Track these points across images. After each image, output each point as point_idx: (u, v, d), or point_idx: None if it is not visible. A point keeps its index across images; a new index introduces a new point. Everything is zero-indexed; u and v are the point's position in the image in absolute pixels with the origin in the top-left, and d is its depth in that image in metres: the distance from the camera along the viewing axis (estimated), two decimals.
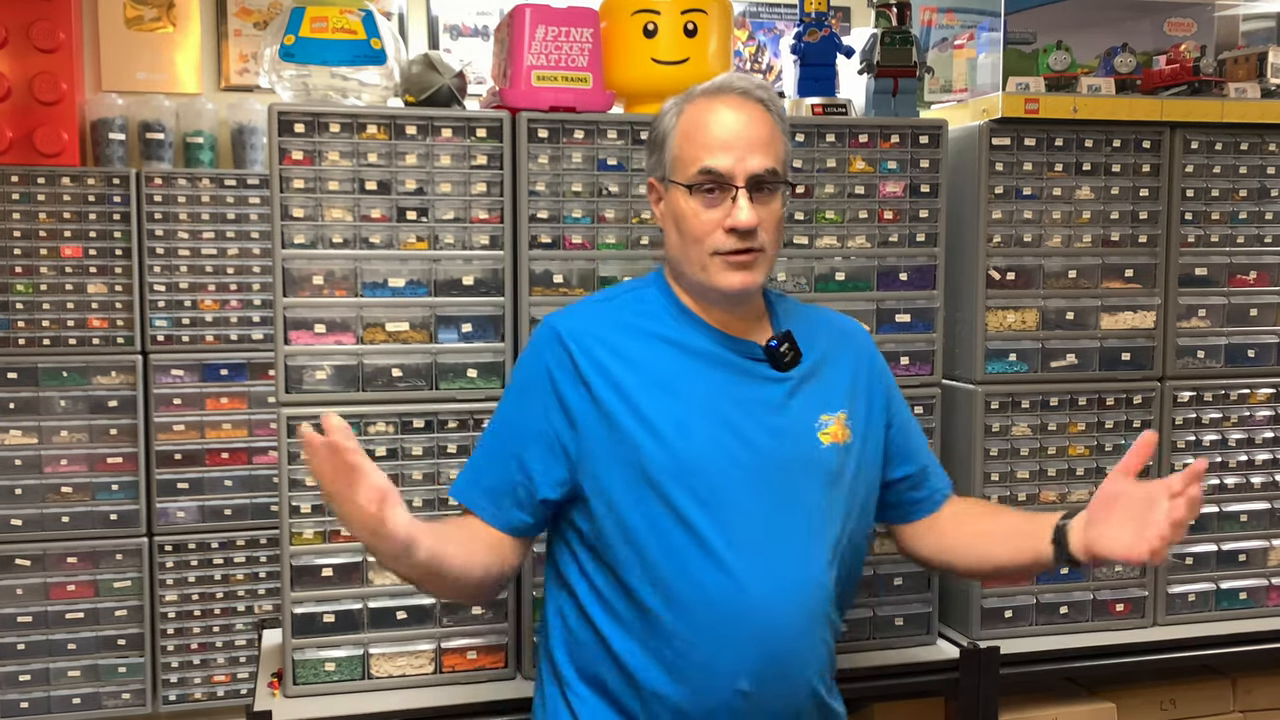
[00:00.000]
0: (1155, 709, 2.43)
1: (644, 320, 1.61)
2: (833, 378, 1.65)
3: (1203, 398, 2.45)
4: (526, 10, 2.09)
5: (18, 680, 3.20)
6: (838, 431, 1.61)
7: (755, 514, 1.53)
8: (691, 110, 1.58)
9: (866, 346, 1.75)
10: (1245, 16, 2.70)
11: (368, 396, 2.03)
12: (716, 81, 1.60)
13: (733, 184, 1.52)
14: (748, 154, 1.52)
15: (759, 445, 1.55)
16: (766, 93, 1.59)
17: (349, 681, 2.04)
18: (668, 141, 1.59)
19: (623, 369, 1.56)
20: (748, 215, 1.51)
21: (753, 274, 1.55)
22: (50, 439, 3.22)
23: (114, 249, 3.24)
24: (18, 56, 3.16)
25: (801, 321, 1.68)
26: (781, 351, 1.60)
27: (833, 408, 1.62)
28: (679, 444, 1.52)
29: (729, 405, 1.56)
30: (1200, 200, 2.43)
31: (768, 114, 1.58)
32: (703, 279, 1.57)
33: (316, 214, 2.00)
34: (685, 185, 1.55)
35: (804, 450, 1.58)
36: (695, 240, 1.55)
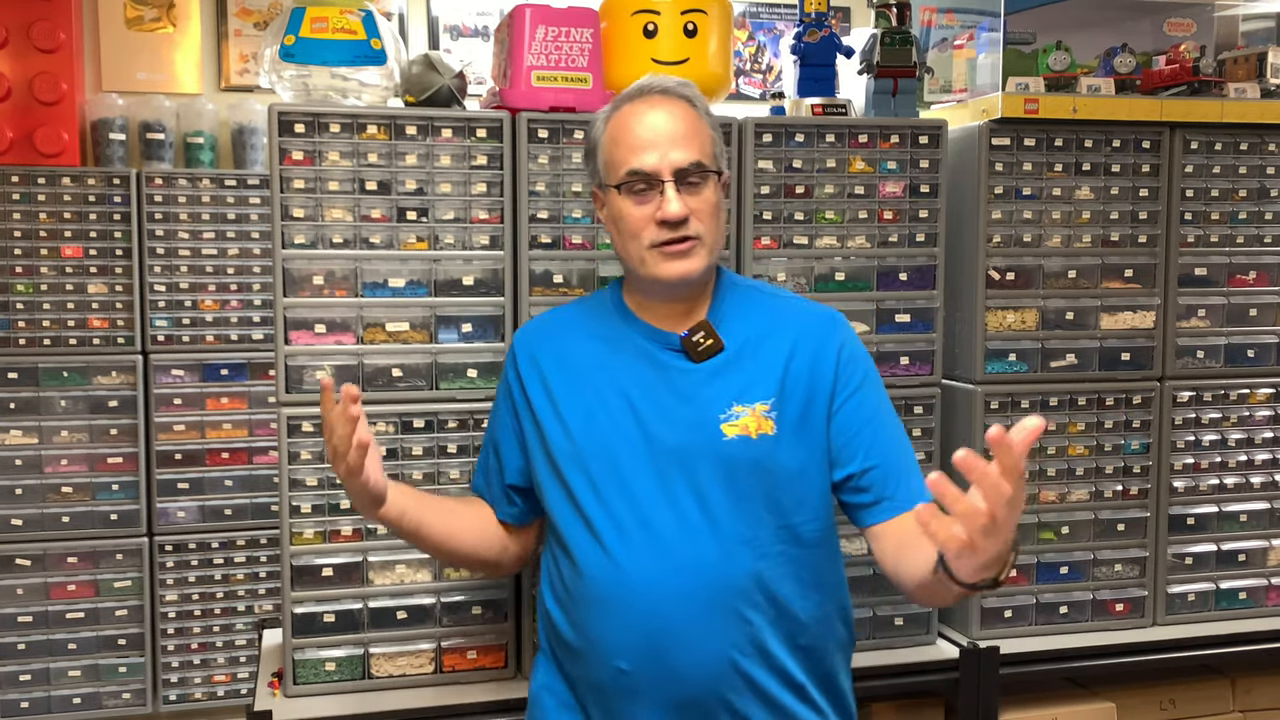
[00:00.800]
0: (1155, 709, 2.43)
1: (588, 321, 1.74)
2: (759, 368, 1.64)
3: (1202, 398, 2.46)
4: (526, 10, 2.09)
5: (18, 680, 3.20)
6: (750, 423, 1.60)
7: (645, 501, 1.59)
8: (617, 117, 1.65)
9: (828, 338, 1.67)
10: (1245, 16, 2.71)
11: (368, 396, 2.03)
12: (638, 84, 1.67)
13: (660, 179, 1.59)
14: (670, 149, 1.59)
15: (657, 435, 1.60)
16: (689, 89, 1.67)
17: (349, 681, 2.04)
18: (598, 150, 1.68)
19: (555, 368, 1.71)
20: (675, 206, 1.58)
21: (690, 261, 1.60)
22: (50, 439, 3.22)
23: (114, 249, 3.23)
24: (18, 56, 3.16)
25: (744, 311, 1.69)
26: (695, 342, 1.64)
27: (749, 398, 1.62)
28: (581, 433, 1.64)
29: (639, 395, 1.63)
30: (1200, 200, 2.43)
31: (691, 109, 1.64)
32: (644, 273, 1.63)
33: (317, 214, 2.00)
34: (616, 187, 1.63)
35: (704, 440, 1.59)
36: (632, 236, 1.62)
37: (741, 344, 1.66)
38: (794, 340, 1.66)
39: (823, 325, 1.69)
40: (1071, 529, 2.38)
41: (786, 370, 1.64)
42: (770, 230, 2.19)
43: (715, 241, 1.64)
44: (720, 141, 1.68)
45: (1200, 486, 2.46)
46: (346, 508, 2.03)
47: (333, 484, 2.02)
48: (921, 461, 2.26)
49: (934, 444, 2.28)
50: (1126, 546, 2.42)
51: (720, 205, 1.65)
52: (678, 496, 1.59)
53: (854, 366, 1.67)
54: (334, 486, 2.02)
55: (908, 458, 1.68)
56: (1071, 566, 2.39)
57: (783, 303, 1.74)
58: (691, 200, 1.60)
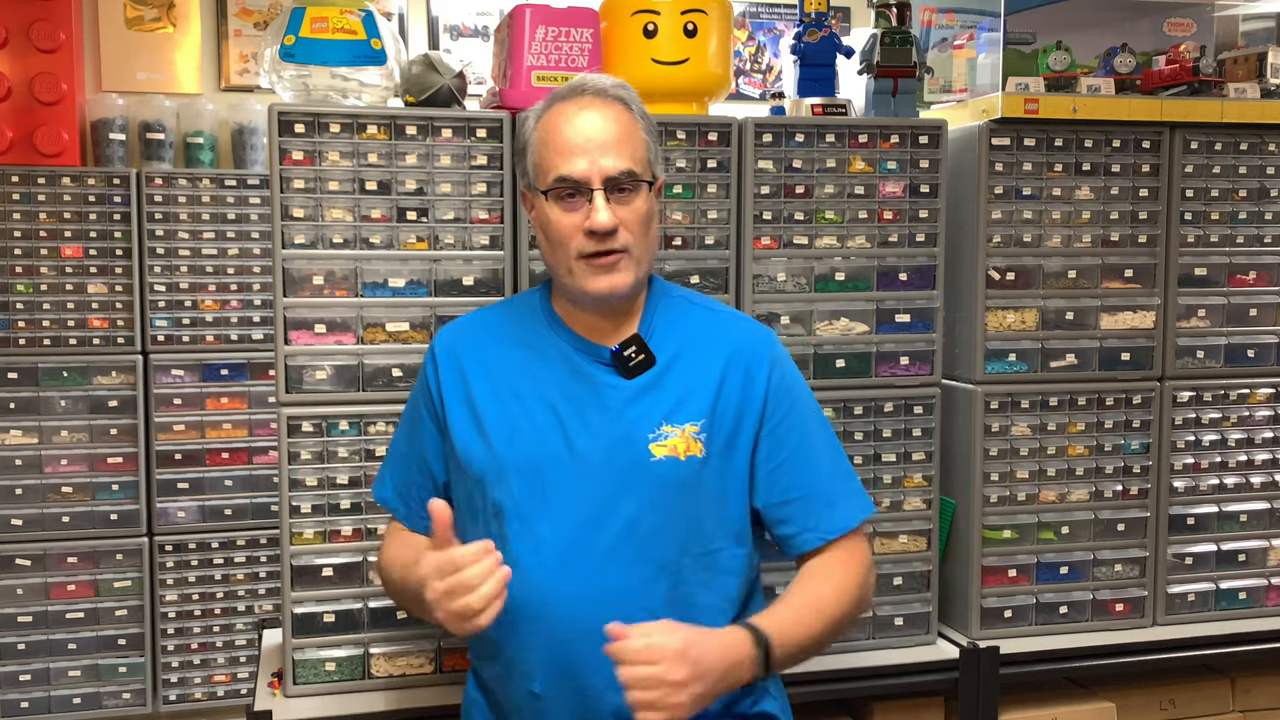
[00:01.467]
0: (1155, 709, 2.43)
1: (516, 326, 1.66)
2: (691, 387, 1.58)
3: (1202, 398, 2.46)
4: (526, 10, 2.09)
5: (18, 680, 3.20)
6: (679, 444, 1.54)
7: (566, 521, 1.53)
8: (548, 116, 1.57)
9: (758, 359, 1.61)
10: (1245, 16, 2.71)
11: (368, 396, 2.03)
12: (573, 83, 1.59)
13: (589, 187, 1.52)
14: (601, 155, 1.52)
15: (583, 452, 1.54)
16: (625, 91, 1.59)
17: (349, 681, 2.04)
18: (528, 150, 1.60)
19: (478, 376, 1.62)
20: (604, 216, 1.51)
21: (618, 275, 1.54)
22: (50, 439, 3.22)
23: (114, 249, 3.24)
24: (18, 56, 3.16)
25: (676, 323, 1.63)
26: (626, 357, 1.57)
27: (679, 419, 1.56)
28: (504, 448, 1.56)
29: (566, 409, 1.57)
30: (1200, 200, 2.43)
31: (626, 112, 1.57)
32: (570, 283, 1.57)
33: (317, 214, 2.00)
34: (544, 192, 1.55)
35: (631, 460, 1.54)
36: (559, 244, 1.55)
37: (673, 358, 1.60)
38: (727, 358, 1.60)
39: (756, 345, 1.63)
40: (1071, 529, 2.38)
41: (719, 391, 1.58)
42: (770, 230, 2.19)
43: (645, 253, 1.58)
44: (656, 147, 1.61)
45: (1200, 486, 2.46)
46: (346, 508, 2.03)
47: (333, 484, 2.02)
48: (921, 461, 2.27)
49: (934, 444, 2.28)
50: (1126, 546, 2.42)
51: (652, 215, 1.59)
52: (600, 516, 1.52)
53: (783, 392, 1.62)
54: (334, 486, 2.02)
55: (837, 485, 1.63)
56: (1071, 566, 2.39)
57: (716, 316, 1.68)
58: (621, 210, 1.53)
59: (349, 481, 2.03)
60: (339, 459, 2.02)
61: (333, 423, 2.02)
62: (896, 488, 2.27)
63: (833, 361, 2.22)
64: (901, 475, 2.27)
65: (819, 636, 1.53)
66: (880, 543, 2.26)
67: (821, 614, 1.53)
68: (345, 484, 2.03)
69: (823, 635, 1.54)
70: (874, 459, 2.25)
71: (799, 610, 1.53)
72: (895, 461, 2.26)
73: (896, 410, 2.26)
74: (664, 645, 1.36)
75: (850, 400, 2.23)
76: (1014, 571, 2.36)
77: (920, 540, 2.29)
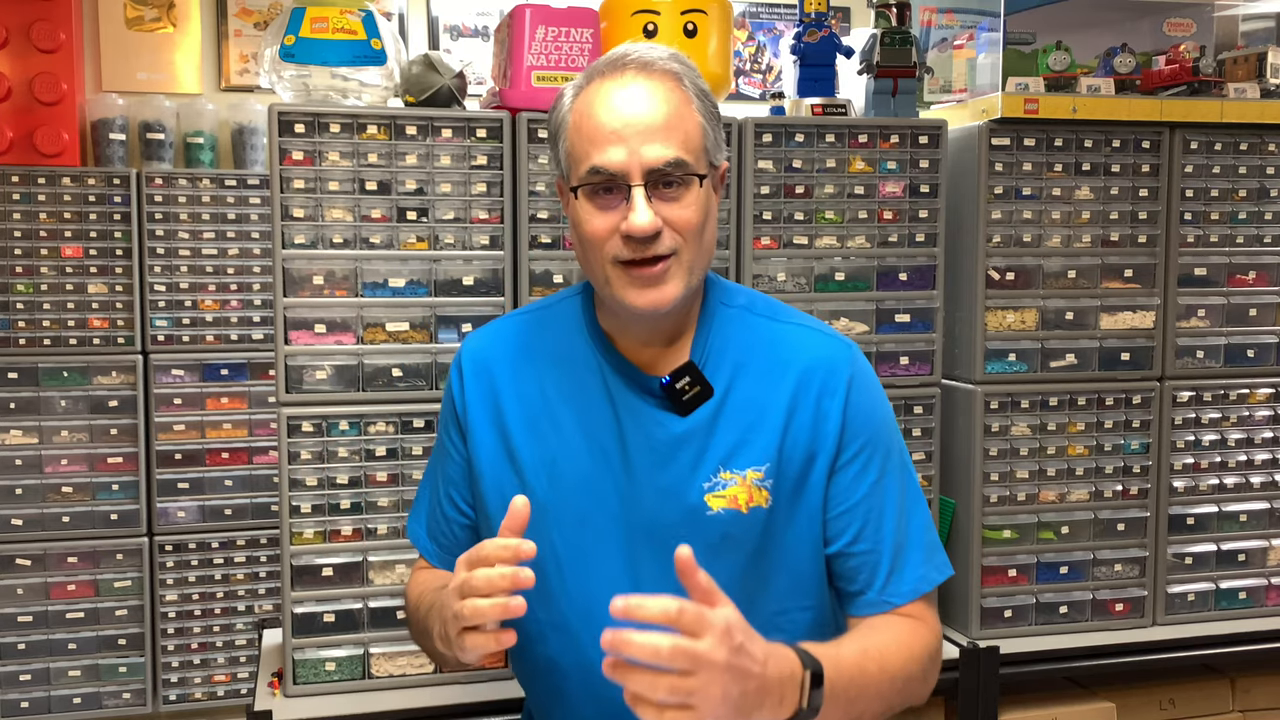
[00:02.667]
0: (1155, 709, 2.43)
1: (553, 339, 1.42)
2: (752, 423, 1.34)
3: (1202, 398, 2.46)
4: (526, 10, 2.09)
5: (18, 680, 3.20)
6: (739, 494, 1.31)
7: (611, 574, 1.32)
8: (585, 95, 1.31)
9: (834, 381, 1.36)
10: (1245, 17, 2.71)
11: (368, 396, 2.03)
12: (614, 54, 1.32)
13: (627, 182, 1.26)
14: (643, 143, 1.25)
15: (631, 498, 1.33)
16: (678, 63, 1.31)
17: (349, 681, 2.04)
18: (561, 135, 1.33)
19: (511, 398, 1.40)
20: (643, 218, 1.24)
21: (664, 289, 1.28)
22: (50, 439, 3.22)
23: (114, 249, 3.24)
24: (18, 56, 3.16)
25: (736, 341, 1.38)
26: (679, 389, 1.33)
27: (740, 463, 1.32)
28: (544, 491, 1.34)
29: (611, 446, 1.34)
30: (1200, 200, 2.43)
31: (678, 88, 1.29)
32: (607, 294, 1.32)
33: (317, 214, 2.00)
34: (574, 188, 1.30)
35: (683, 512, 1.32)
36: (593, 248, 1.29)
37: (730, 384, 1.35)
38: (796, 384, 1.35)
39: (831, 364, 1.37)
40: (1071, 529, 2.38)
41: (786, 426, 1.34)
42: (770, 230, 2.19)
43: (698, 259, 1.31)
44: (716, 131, 1.33)
45: (1200, 486, 2.46)
46: (346, 508, 2.03)
47: (333, 484, 2.02)
48: (921, 461, 2.27)
49: (934, 444, 2.28)
50: (1126, 546, 2.42)
51: (708, 214, 1.32)
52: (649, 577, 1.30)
53: (862, 420, 1.36)
54: (334, 486, 2.02)
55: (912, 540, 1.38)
56: (1071, 566, 2.39)
57: (782, 331, 1.40)
58: (667, 209, 1.27)
59: (349, 481, 2.03)
60: (339, 459, 2.02)
61: (333, 423, 2.02)
62: None
63: None
64: None
65: (875, 688, 1.23)
66: None
67: (883, 667, 1.25)
68: (345, 484, 2.03)
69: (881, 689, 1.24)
70: None
71: (859, 652, 1.24)
72: None
73: (896, 410, 2.25)
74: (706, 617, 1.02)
75: None
76: (1014, 571, 2.36)
77: None
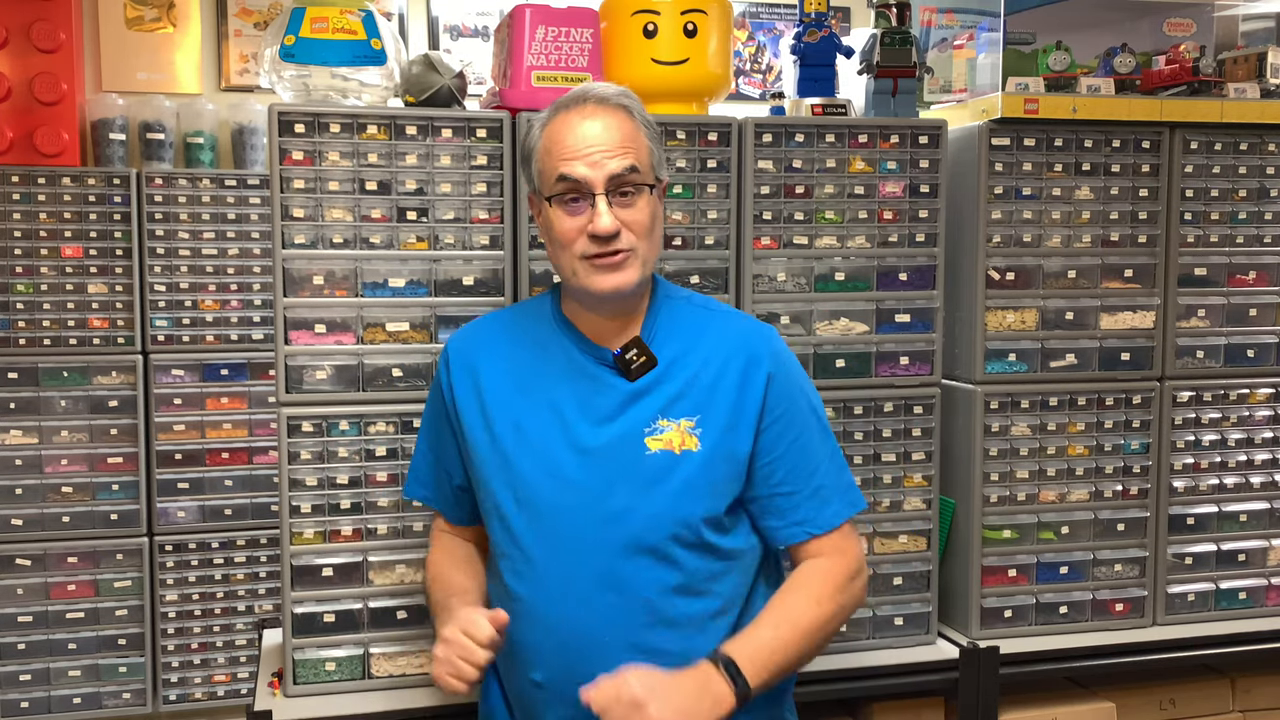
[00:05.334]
0: (1155, 709, 2.43)
1: (525, 327, 1.72)
2: (688, 384, 1.63)
3: (1202, 398, 2.46)
4: (526, 10, 2.09)
5: (18, 680, 3.20)
6: (674, 438, 1.60)
7: (565, 515, 1.59)
8: (553, 124, 1.61)
9: (758, 355, 1.65)
10: (1245, 17, 2.71)
11: (368, 396, 2.03)
12: (576, 92, 1.63)
13: (592, 191, 1.56)
14: (605, 159, 1.56)
15: (584, 447, 1.60)
16: (628, 99, 1.63)
17: (349, 681, 2.04)
18: (533, 157, 1.64)
19: (489, 374, 1.69)
20: (606, 221, 1.55)
21: (623, 274, 1.58)
22: (51, 439, 3.22)
23: (114, 249, 3.24)
24: (18, 56, 3.16)
25: (677, 324, 1.67)
26: (628, 359, 1.62)
27: (676, 414, 1.61)
28: (509, 445, 1.63)
29: (569, 407, 1.63)
30: (1200, 200, 2.43)
31: (629, 119, 1.61)
32: (575, 284, 1.61)
33: (317, 214, 2.00)
34: (548, 198, 1.60)
35: (627, 456, 1.59)
36: (563, 247, 1.59)
37: (673, 358, 1.64)
38: (726, 355, 1.64)
39: (755, 342, 1.67)
40: (1071, 529, 2.38)
41: (715, 385, 1.62)
42: (770, 230, 2.19)
43: (649, 253, 1.62)
44: (659, 152, 1.65)
45: (1200, 486, 2.46)
46: (346, 508, 2.03)
47: (333, 484, 2.02)
48: (921, 461, 2.27)
49: (934, 444, 2.28)
50: (1126, 546, 2.42)
51: (656, 218, 1.63)
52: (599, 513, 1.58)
53: (782, 388, 1.65)
54: (334, 486, 2.02)
55: (829, 481, 1.66)
56: (1071, 566, 2.39)
57: (716, 317, 1.71)
58: (624, 213, 1.57)
59: (349, 481, 2.03)
60: (339, 459, 2.02)
61: (333, 423, 2.02)
62: (896, 488, 2.27)
63: (833, 361, 2.22)
64: (901, 475, 2.27)
65: (802, 650, 1.58)
66: (880, 543, 2.26)
67: (799, 628, 1.57)
68: (345, 484, 2.03)
69: (806, 648, 1.58)
70: (874, 459, 2.25)
71: (777, 628, 1.57)
72: (895, 461, 2.26)
73: (896, 410, 2.26)
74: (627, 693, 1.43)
75: (850, 400, 2.24)
76: (1014, 571, 2.36)
77: (920, 540, 2.29)
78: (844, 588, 1.63)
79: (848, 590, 1.64)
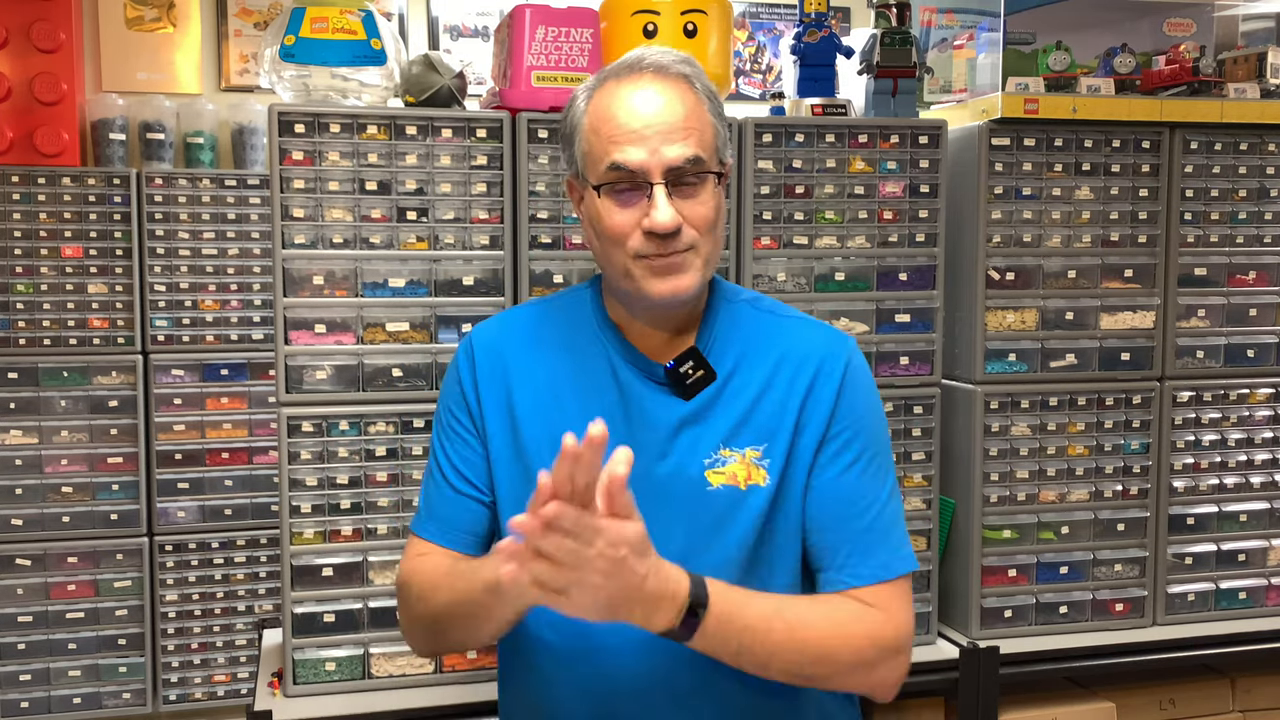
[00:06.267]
0: (1155, 709, 2.43)
1: (563, 329, 1.48)
2: (752, 404, 1.40)
3: (1202, 398, 2.46)
4: (526, 10, 2.09)
5: (18, 680, 3.20)
6: (739, 471, 1.38)
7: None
8: (600, 96, 1.37)
9: (830, 366, 1.42)
10: (1245, 17, 2.70)
11: (368, 396, 2.03)
12: (629, 58, 1.38)
13: (649, 180, 1.32)
14: (663, 143, 1.32)
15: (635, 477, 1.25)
16: (689, 67, 1.38)
17: (349, 681, 2.04)
18: (576, 135, 1.39)
19: (522, 381, 1.44)
20: (666, 215, 1.31)
21: (683, 277, 1.35)
22: (50, 439, 3.22)
23: (114, 249, 3.24)
24: (18, 56, 3.16)
25: (738, 332, 1.45)
26: (683, 374, 1.39)
27: (739, 442, 1.39)
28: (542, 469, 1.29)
29: (617, 428, 1.35)
30: (1200, 200, 2.43)
31: (690, 91, 1.37)
32: (628, 287, 1.38)
33: (317, 214, 2.00)
34: (596, 187, 1.36)
35: (686, 490, 1.37)
36: (614, 244, 1.36)
37: (732, 371, 1.42)
38: (794, 369, 1.42)
39: (828, 352, 1.43)
40: (1071, 529, 2.38)
41: (784, 409, 1.40)
42: (770, 230, 2.19)
43: (712, 252, 1.39)
44: (724, 131, 1.41)
45: (1200, 486, 2.46)
46: (346, 508, 2.03)
47: (333, 484, 2.02)
48: (921, 461, 2.27)
49: (934, 444, 2.28)
50: (1126, 546, 2.42)
51: (720, 210, 1.39)
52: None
53: (851, 407, 1.42)
54: (334, 486, 2.02)
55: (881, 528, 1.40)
56: (1071, 566, 2.39)
57: (783, 323, 1.47)
58: (686, 206, 1.34)
59: (349, 481, 2.03)
60: (339, 459, 2.02)
61: (333, 423, 2.02)
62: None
63: None
64: (901, 475, 2.27)
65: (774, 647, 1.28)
66: None
67: (795, 634, 1.29)
68: (345, 484, 2.03)
69: (782, 652, 1.29)
70: None
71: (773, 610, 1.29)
72: (895, 461, 2.26)
73: (896, 410, 2.26)
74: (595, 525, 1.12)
75: None
76: (1014, 571, 2.36)
77: (920, 540, 2.29)
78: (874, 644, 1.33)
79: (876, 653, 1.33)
